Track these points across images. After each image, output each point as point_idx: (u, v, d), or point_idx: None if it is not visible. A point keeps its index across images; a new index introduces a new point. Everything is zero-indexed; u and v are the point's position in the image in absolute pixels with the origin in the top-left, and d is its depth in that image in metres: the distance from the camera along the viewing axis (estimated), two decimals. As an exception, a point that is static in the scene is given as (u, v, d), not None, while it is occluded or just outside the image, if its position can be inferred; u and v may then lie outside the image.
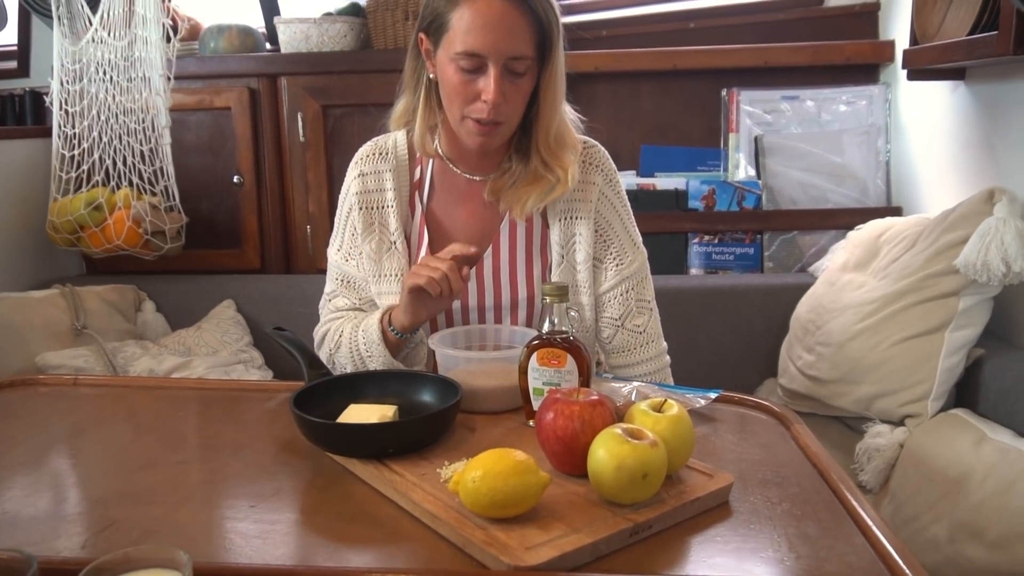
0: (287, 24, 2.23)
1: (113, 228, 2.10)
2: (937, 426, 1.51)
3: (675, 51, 2.28)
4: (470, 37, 1.13)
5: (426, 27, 1.21)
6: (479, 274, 1.30)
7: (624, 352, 1.32)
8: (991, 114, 1.75)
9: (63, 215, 2.12)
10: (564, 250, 1.29)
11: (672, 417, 0.88)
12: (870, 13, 2.32)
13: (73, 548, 0.80)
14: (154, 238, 2.14)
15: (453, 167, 1.31)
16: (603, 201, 1.30)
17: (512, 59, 1.15)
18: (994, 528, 1.23)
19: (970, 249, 1.50)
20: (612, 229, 1.31)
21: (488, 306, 1.31)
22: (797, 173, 2.25)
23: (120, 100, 2.08)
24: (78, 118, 2.11)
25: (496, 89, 1.14)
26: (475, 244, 1.28)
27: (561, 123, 1.26)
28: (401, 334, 1.23)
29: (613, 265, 1.30)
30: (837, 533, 0.81)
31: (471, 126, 1.20)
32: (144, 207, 2.10)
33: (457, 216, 1.32)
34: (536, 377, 1.02)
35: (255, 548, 0.79)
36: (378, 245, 1.31)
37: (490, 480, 0.77)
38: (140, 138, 2.09)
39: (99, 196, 2.10)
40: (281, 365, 2.13)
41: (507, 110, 1.18)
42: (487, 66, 1.15)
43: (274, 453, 1.01)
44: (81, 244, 2.18)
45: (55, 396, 1.26)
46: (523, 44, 1.15)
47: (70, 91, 2.11)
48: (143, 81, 2.06)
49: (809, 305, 1.88)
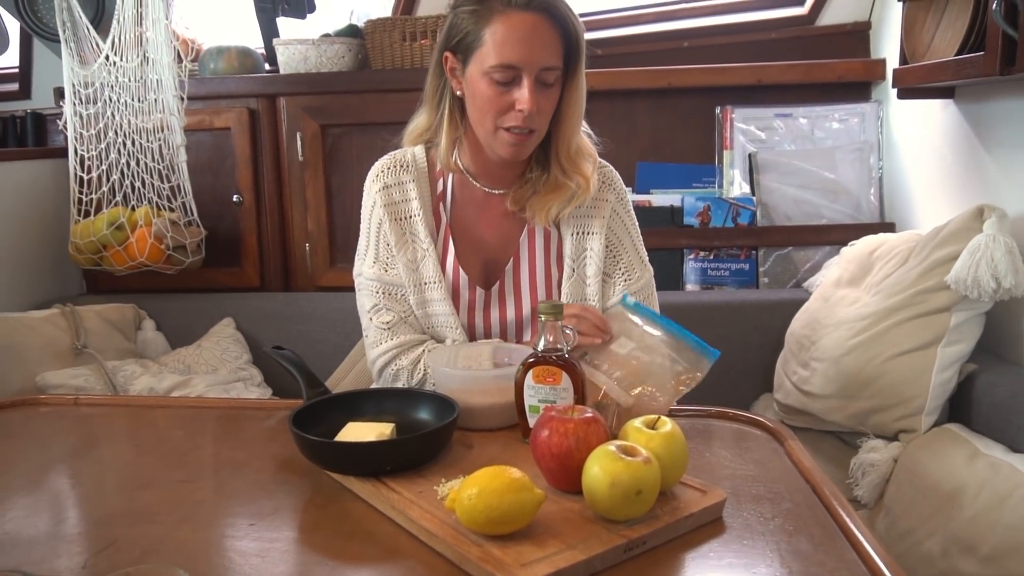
0: (286, 45, 2.26)
1: (136, 246, 2.14)
2: (931, 441, 1.52)
3: (670, 70, 2.30)
4: (506, 50, 1.19)
5: (453, 46, 1.26)
6: (501, 286, 1.34)
7: None
8: (980, 132, 1.77)
9: (86, 236, 2.15)
10: (575, 263, 1.34)
11: (666, 434, 0.89)
12: (861, 32, 2.35)
13: (74, 568, 0.80)
14: (175, 253, 2.18)
15: (473, 181, 1.35)
16: (615, 218, 1.36)
17: (544, 70, 1.21)
18: (987, 542, 1.24)
19: (960, 265, 1.52)
20: (622, 245, 1.37)
21: (510, 319, 1.35)
22: (791, 189, 2.27)
23: (134, 122, 2.11)
24: (93, 141, 2.15)
25: (531, 98, 1.20)
26: (496, 256, 1.35)
27: (580, 137, 1.32)
28: None
29: (622, 280, 1.36)
30: (829, 549, 0.82)
31: (505, 136, 1.24)
32: (164, 223, 2.14)
33: (478, 228, 1.36)
34: (532, 394, 1.04)
35: (254, 566, 0.80)
36: (413, 254, 1.33)
37: (486, 497, 0.78)
38: (156, 157, 2.13)
39: (120, 216, 2.14)
40: (280, 383, 2.14)
41: (539, 119, 1.24)
42: (521, 77, 1.21)
43: (273, 471, 1.02)
44: (104, 263, 2.21)
45: (56, 416, 1.27)
46: (554, 55, 1.22)
47: (83, 114, 2.14)
48: (156, 102, 2.10)
49: (804, 320, 1.90)
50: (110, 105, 2.11)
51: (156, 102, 2.09)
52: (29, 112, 2.51)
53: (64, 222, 2.28)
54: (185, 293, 2.31)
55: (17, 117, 2.52)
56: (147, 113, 2.10)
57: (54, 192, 2.33)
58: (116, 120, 2.11)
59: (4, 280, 2.20)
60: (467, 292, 1.34)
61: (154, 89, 2.08)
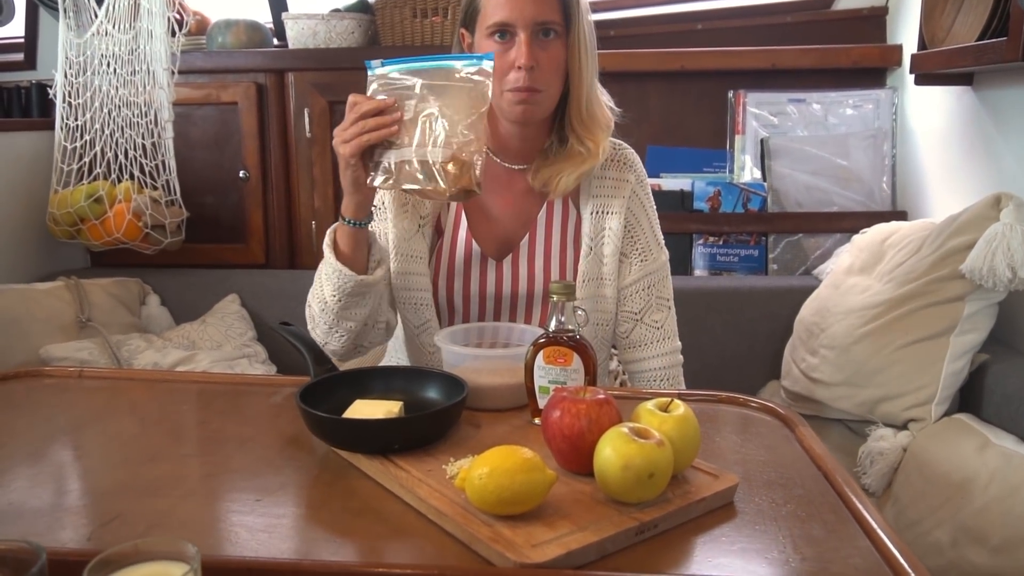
0: (295, 20, 2.23)
1: (113, 221, 2.10)
2: (941, 431, 1.51)
3: (682, 52, 2.28)
4: (498, 9, 1.21)
5: (465, 22, 1.28)
6: (515, 261, 1.34)
7: (639, 347, 1.35)
8: (998, 120, 1.75)
9: (63, 207, 2.12)
10: (593, 242, 1.33)
11: (679, 417, 0.88)
12: (878, 17, 2.32)
13: (79, 540, 0.80)
14: (154, 232, 2.14)
15: (493, 156, 1.35)
16: (634, 199, 1.36)
17: (539, 24, 1.21)
18: (997, 533, 1.23)
19: (976, 254, 1.50)
20: (640, 226, 1.36)
21: (522, 294, 1.34)
22: (803, 176, 2.25)
23: (123, 93, 2.08)
24: (81, 110, 2.11)
25: (527, 53, 1.20)
26: (513, 233, 1.34)
27: (593, 100, 1.30)
28: (355, 221, 1.22)
29: (638, 260, 1.35)
30: (842, 535, 0.81)
31: (510, 97, 1.24)
32: (145, 201, 2.10)
33: (495, 203, 1.35)
34: (542, 375, 1.03)
35: (261, 542, 0.79)
36: (409, 225, 1.32)
37: (497, 477, 0.77)
38: (143, 132, 2.10)
39: (100, 189, 2.10)
40: (285, 360, 2.13)
41: (542, 77, 1.23)
42: (516, 34, 1.21)
43: (279, 447, 1.02)
44: (80, 237, 2.18)
45: (60, 388, 1.26)
46: (548, 10, 1.22)
47: (73, 83, 2.11)
48: (147, 75, 2.06)
49: (813, 308, 1.88)
50: (99, 75, 2.08)
51: (149, 74, 2.05)
52: (34, 83, 2.49)
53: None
54: (190, 268, 2.30)
55: (22, 87, 2.50)
56: (137, 86, 2.07)
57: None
58: (104, 91, 2.08)
59: (8, 252, 2.19)
60: (478, 265, 1.33)
61: (146, 60, 2.05)
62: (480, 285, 1.34)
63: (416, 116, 1.13)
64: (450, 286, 1.34)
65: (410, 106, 1.13)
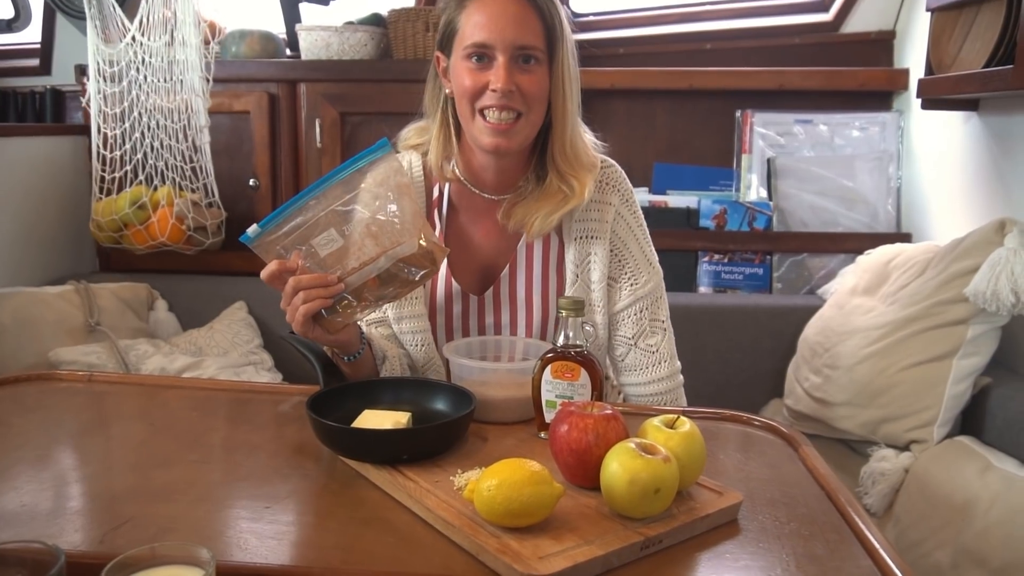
0: (308, 32, 2.26)
1: (157, 225, 2.15)
2: (942, 452, 1.51)
3: (691, 71, 2.30)
4: (477, 30, 1.18)
5: (442, 44, 1.25)
6: (496, 292, 1.31)
7: (636, 371, 1.32)
8: (1003, 146, 1.76)
9: (108, 214, 2.16)
10: (579, 269, 1.29)
11: (684, 434, 0.89)
12: (885, 41, 2.34)
13: (91, 543, 0.81)
14: (196, 234, 2.19)
15: (471, 187, 1.31)
16: (619, 221, 1.31)
17: (519, 48, 1.18)
18: (998, 556, 1.24)
19: (980, 278, 1.51)
20: (628, 249, 1.31)
21: (504, 323, 1.31)
22: (808, 196, 2.27)
23: (159, 101, 2.12)
24: (118, 120, 2.15)
25: (505, 75, 1.16)
26: (493, 263, 1.29)
27: (577, 138, 1.26)
28: (349, 357, 1.18)
29: (628, 285, 1.31)
30: (845, 555, 0.82)
31: (482, 125, 1.20)
32: (186, 204, 2.15)
33: (475, 234, 1.33)
34: (549, 389, 1.04)
35: (271, 548, 0.80)
36: None
37: (505, 489, 0.78)
38: (179, 137, 2.14)
39: (142, 195, 2.14)
40: (290, 368, 2.14)
41: (520, 101, 1.19)
42: (495, 56, 1.18)
43: (287, 455, 1.03)
44: (124, 242, 2.22)
45: (71, 392, 1.27)
46: (530, 34, 1.18)
47: (106, 93, 2.14)
48: (180, 82, 2.10)
49: (817, 327, 1.89)
50: (135, 85, 2.11)
51: (182, 83, 2.09)
52: (48, 88, 2.52)
53: (82, 199, 2.29)
54: (198, 275, 2.32)
55: (37, 93, 2.53)
56: (172, 93, 2.11)
57: (72, 169, 2.34)
58: (140, 100, 2.12)
59: (19, 255, 2.20)
60: (459, 302, 1.31)
61: (181, 69, 2.08)
62: (462, 321, 1.31)
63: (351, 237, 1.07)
64: (434, 323, 1.31)
65: (331, 236, 1.07)
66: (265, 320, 2.22)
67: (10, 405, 1.20)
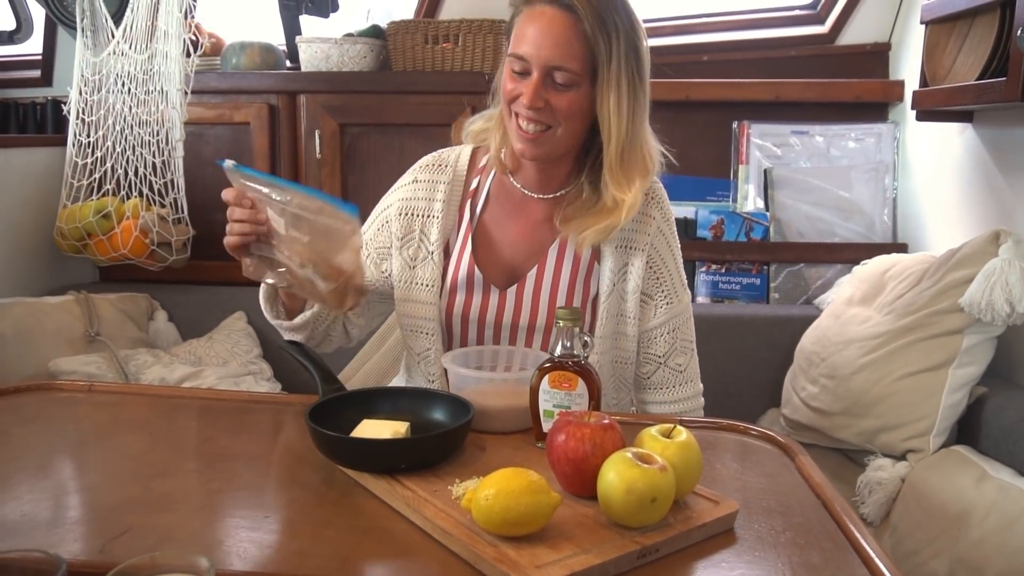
0: (308, 43, 2.27)
1: (120, 237, 2.13)
2: (939, 462, 1.52)
3: (689, 83, 2.32)
4: (521, 41, 1.19)
5: (508, 34, 1.26)
6: (519, 291, 1.30)
7: (661, 389, 1.33)
8: (998, 157, 1.78)
9: (71, 222, 2.15)
10: (615, 277, 1.29)
11: (681, 443, 0.90)
12: (881, 53, 2.36)
13: (90, 552, 0.81)
14: (160, 249, 2.17)
15: (512, 180, 1.33)
16: (659, 237, 1.31)
17: (553, 68, 1.18)
18: (994, 565, 1.24)
19: (975, 288, 1.52)
20: (665, 266, 1.31)
21: (522, 325, 1.31)
22: (805, 206, 2.28)
23: (136, 112, 2.11)
24: (94, 128, 2.14)
25: (532, 92, 1.18)
26: (522, 261, 1.31)
27: (632, 150, 1.24)
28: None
29: (664, 303, 1.31)
30: (840, 564, 0.83)
31: (515, 129, 1.23)
32: (152, 218, 2.13)
33: (508, 229, 1.33)
34: (547, 399, 1.04)
35: (269, 558, 0.80)
36: (415, 253, 1.33)
37: (503, 498, 0.79)
38: (153, 150, 2.13)
39: (108, 205, 2.13)
40: (290, 378, 2.15)
41: (550, 115, 1.20)
42: (531, 71, 1.19)
43: (286, 465, 1.03)
44: (87, 251, 2.20)
45: (71, 402, 1.28)
46: (568, 57, 1.17)
47: (88, 101, 2.14)
48: (160, 94, 2.09)
49: (814, 337, 1.90)
50: (113, 94, 2.11)
51: (162, 93, 2.08)
52: (50, 99, 2.53)
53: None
54: (197, 285, 2.32)
55: (38, 104, 2.54)
56: (150, 105, 2.10)
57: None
58: (117, 109, 2.11)
59: (19, 265, 2.21)
60: (480, 291, 1.30)
61: (160, 80, 2.08)
62: (480, 312, 1.31)
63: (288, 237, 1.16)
64: (450, 310, 1.32)
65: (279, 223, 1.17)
66: (265, 330, 2.22)
67: (10, 415, 1.20)
